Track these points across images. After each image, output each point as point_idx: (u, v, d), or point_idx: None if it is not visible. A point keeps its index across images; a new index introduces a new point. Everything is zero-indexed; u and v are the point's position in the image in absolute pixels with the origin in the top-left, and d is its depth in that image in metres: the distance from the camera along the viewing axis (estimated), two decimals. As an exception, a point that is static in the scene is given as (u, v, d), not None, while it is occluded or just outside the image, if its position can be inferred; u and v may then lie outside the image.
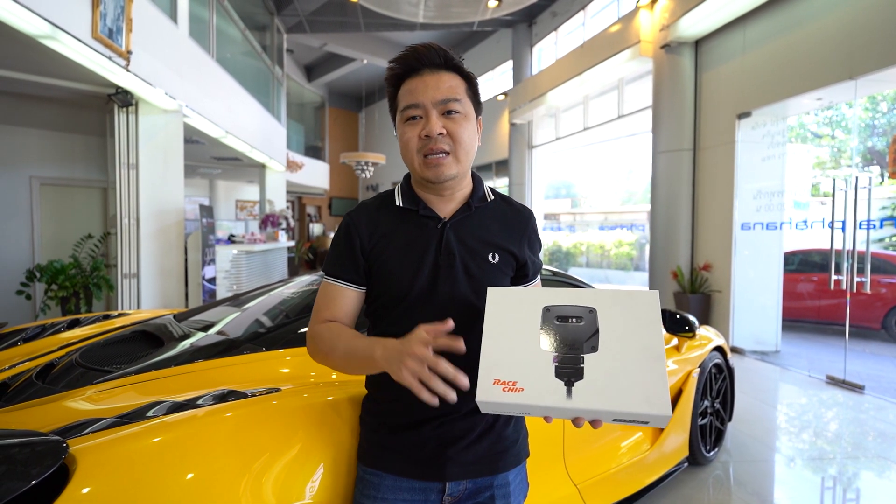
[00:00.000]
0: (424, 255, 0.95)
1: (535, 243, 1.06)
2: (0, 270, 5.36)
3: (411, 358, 0.78)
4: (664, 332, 2.60)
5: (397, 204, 0.99)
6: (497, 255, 0.98)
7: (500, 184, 12.03)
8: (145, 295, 4.98)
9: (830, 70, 4.49)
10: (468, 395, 0.94)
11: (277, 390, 1.17)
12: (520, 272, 1.03)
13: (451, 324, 0.82)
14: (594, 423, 0.80)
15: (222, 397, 1.15)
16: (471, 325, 0.94)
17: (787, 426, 3.47)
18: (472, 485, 0.96)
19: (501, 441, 0.98)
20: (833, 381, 4.39)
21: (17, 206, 5.48)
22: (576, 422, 0.81)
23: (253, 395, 1.15)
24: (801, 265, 6.82)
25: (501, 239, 1.00)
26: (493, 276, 0.97)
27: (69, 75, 4.19)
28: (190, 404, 1.10)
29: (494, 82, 12.49)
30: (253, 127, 8.06)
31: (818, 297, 6.50)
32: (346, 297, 0.99)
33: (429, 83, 0.92)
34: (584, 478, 1.79)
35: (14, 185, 5.46)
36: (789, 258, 6.67)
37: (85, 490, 0.82)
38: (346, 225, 1.00)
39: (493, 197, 1.04)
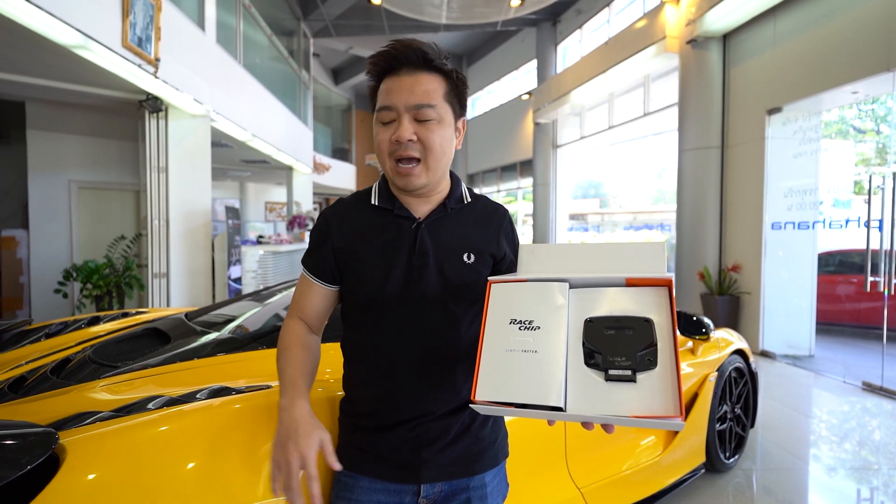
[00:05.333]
0: (397, 255, 0.93)
1: (514, 239, 1.04)
2: (41, 270, 5.64)
3: (281, 462, 0.83)
4: (679, 335, 2.53)
5: (373, 202, 0.98)
6: (473, 256, 0.96)
7: (524, 184, 11.94)
8: (174, 294, 5.15)
9: (866, 62, 4.28)
10: (443, 398, 0.94)
11: (269, 387, 1.19)
12: (496, 269, 1.00)
13: (337, 466, 0.87)
14: (606, 428, 0.73)
15: (217, 392, 1.18)
16: (444, 327, 0.94)
17: (818, 434, 3.32)
18: (448, 487, 0.95)
19: (478, 442, 0.97)
20: (869, 388, 4.18)
21: (57, 208, 5.75)
22: (586, 425, 0.75)
23: (247, 391, 1.18)
24: (839, 266, 6.52)
25: (477, 239, 0.98)
26: (469, 277, 0.95)
27: (102, 83, 4.37)
28: (186, 399, 1.13)
29: (519, 82, 12.39)
30: (279, 130, 8.23)
31: (856, 300, 6.21)
32: (318, 295, 1.01)
33: (404, 85, 0.89)
34: (588, 481, 1.76)
35: (55, 188, 5.73)
36: (826, 259, 6.39)
37: (74, 479, 0.86)
38: (320, 224, 1.00)
39: (470, 199, 1.02)
